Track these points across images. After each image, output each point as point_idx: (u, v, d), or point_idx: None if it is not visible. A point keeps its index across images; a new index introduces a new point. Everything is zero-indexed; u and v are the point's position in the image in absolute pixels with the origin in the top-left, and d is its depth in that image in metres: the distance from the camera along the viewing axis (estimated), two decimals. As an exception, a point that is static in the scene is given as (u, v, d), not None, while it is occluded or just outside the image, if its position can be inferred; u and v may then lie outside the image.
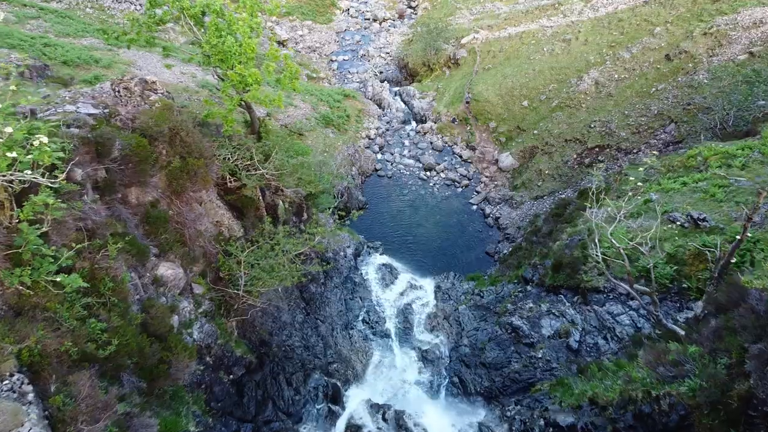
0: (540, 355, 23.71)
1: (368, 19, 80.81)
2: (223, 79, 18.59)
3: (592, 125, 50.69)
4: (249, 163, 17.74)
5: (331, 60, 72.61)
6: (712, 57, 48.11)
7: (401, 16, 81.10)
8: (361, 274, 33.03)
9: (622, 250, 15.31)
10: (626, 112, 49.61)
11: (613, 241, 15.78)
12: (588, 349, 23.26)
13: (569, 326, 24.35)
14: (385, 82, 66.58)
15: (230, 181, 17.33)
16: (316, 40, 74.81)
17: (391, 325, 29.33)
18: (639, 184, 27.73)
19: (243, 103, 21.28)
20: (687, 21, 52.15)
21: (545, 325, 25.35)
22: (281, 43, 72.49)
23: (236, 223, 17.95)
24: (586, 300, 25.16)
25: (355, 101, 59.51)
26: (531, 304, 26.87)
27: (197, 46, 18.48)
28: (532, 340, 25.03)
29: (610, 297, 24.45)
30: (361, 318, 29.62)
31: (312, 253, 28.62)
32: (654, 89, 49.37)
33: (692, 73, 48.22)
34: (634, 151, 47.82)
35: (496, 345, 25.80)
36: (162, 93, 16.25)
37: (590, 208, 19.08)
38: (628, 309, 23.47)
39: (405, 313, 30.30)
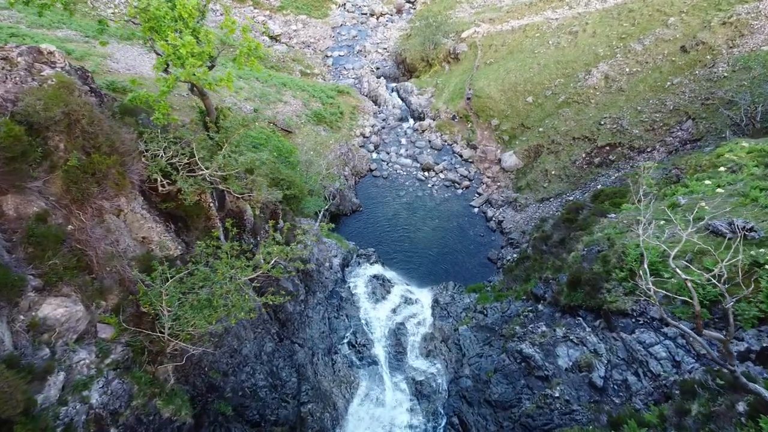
0: (557, 394, 19.24)
1: (365, 14, 76.27)
2: (159, 55, 14.19)
3: (602, 122, 46.19)
4: (190, 161, 13.42)
5: (326, 56, 68.16)
6: (732, 48, 43.52)
7: (399, 11, 76.56)
8: (349, 287, 28.62)
9: (689, 283, 10.81)
10: (639, 108, 45.07)
11: (678, 271, 11.24)
12: (615, 387, 18.79)
13: (591, 357, 19.88)
14: (382, 78, 62.12)
15: (162, 185, 12.99)
16: (311, 35, 70.37)
17: (380, 350, 24.91)
18: (718, 190, 22.93)
19: (195, 89, 16.86)
20: (704, 10, 47.53)
21: (561, 355, 20.90)
22: (274, 38, 68.12)
23: (172, 238, 13.62)
24: (610, 325, 20.69)
25: (350, 97, 55.09)
26: (544, 328, 22.43)
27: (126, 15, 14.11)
28: (546, 372, 20.58)
29: (640, 322, 19.97)
30: (346, 340, 25.23)
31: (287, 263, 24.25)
32: (669, 83, 44.82)
33: (711, 65, 43.64)
34: (648, 149, 43.29)
35: (503, 377, 21.35)
36: (62, 67, 11.89)
37: (638, 220, 14.52)
38: (663, 338, 18.99)
39: (397, 334, 25.88)
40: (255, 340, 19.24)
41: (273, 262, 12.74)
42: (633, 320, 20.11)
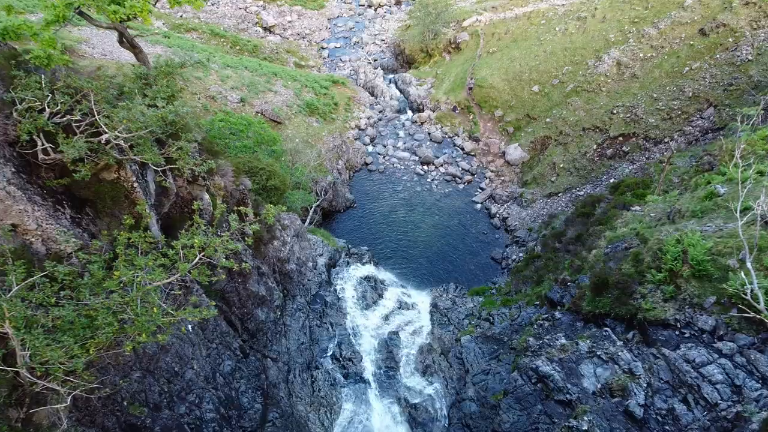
0: (585, 426, 15.07)
1: (363, 5, 72.29)
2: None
3: (615, 111, 42.06)
4: (89, 120, 9.36)
5: (322, 47, 64.23)
6: (756, 30, 39.34)
7: (398, 2, 72.56)
8: (335, 290, 24.55)
9: None
10: (655, 96, 40.93)
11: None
12: (660, 418, 14.65)
13: (626, 379, 15.73)
14: (379, 68, 58.10)
15: (45, 152, 8.94)
16: (306, 27, 66.43)
17: (369, 364, 20.84)
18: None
19: (125, 39, 12.81)
20: (723, -9, 43.29)
21: (587, 374, 16.78)
22: (268, 29, 64.18)
23: (64, 228, 9.62)
24: (647, 338, 16.57)
25: (345, 88, 51.08)
26: (563, 340, 18.30)
27: None
28: (569, 396, 16.44)
29: (686, 335, 15.85)
30: (330, 353, 21.17)
31: (256, 263, 20.26)
32: (687, 68, 40.66)
33: (733, 48, 39.49)
34: (665, 139, 39.13)
35: (515, 401, 17.22)
36: None
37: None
38: (717, 355, 14.86)
39: (389, 346, 21.78)
40: (207, 357, 15.15)
41: (197, 260, 8.72)
42: (677, 333, 16.00)
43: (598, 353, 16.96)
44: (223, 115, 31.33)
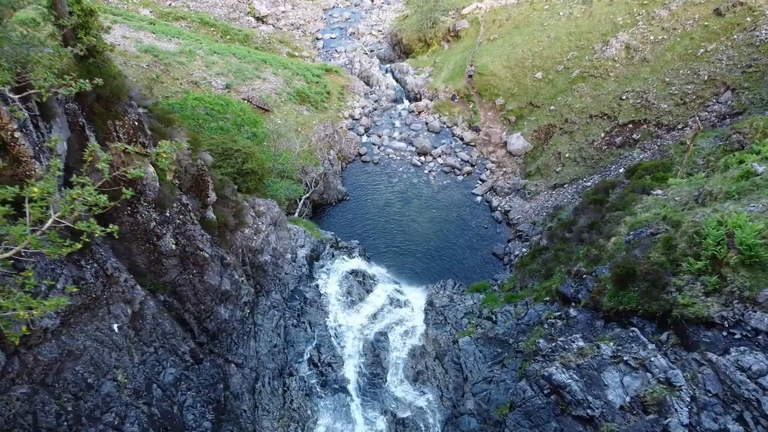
0: (613, 450, 11.86)
1: (359, -4, 69.37)
2: None
3: (624, 97, 38.87)
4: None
5: (317, 38, 61.25)
6: (776, 8, 36.19)
7: (396, -7, 69.54)
8: (317, 286, 21.39)
9: None
10: (667, 80, 37.72)
11: None
12: (709, 442, 11.42)
13: (662, 391, 12.56)
14: (375, 58, 55.05)
15: None
16: (301, 17, 63.48)
17: (352, 370, 17.67)
18: None
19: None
20: (739, -31, 40.12)
21: (612, 384, 13.62)
22: (260, 19, 61.20)
23: None
24: (685, 340, 13.38)
25: (338, 77, 48.00)
26: (581, 342, 15.14)
27: None
28: (590, 411, 13.27)
29: (736, 337, 12.68)
30: (306, 356, 17.99)
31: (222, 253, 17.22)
32: (702, 51, 37.47)
33: (751, 28, 36.29)
34: (679, 126, 35.92)
35: (523, 416, 14.04)
36: None
37: None
38: (778, 362, 11.66)
39: (376, 348, 18.61)
40: (142, 365, 11.99)
41: (48, 224, 5.58)
42: (724, 333, 12.81)
43: (624, 358, 13.78)
44: (197, 93, 28.29)
